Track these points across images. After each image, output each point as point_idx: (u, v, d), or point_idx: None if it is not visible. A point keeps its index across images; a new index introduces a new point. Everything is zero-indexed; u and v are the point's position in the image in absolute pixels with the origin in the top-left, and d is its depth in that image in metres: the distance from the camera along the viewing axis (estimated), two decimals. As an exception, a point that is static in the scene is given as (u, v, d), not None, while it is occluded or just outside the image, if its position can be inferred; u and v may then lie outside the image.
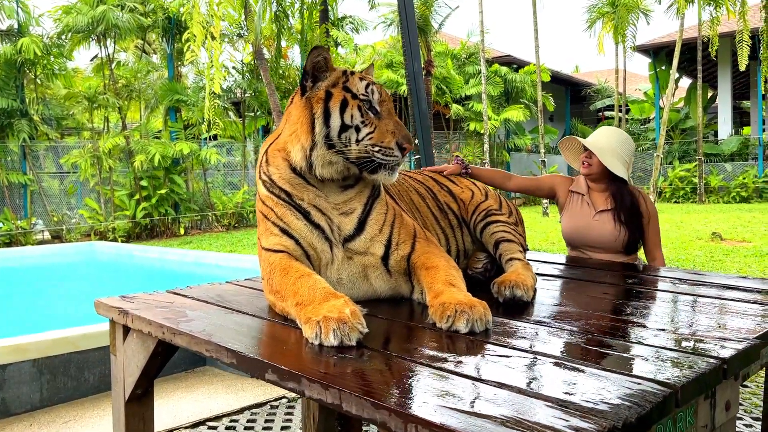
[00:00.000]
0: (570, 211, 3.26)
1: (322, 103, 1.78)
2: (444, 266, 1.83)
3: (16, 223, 13.54)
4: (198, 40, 6.66)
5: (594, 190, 3.22)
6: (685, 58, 21.24)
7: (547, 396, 1.15)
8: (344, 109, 1.76)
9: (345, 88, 1.80)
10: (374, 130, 1.77)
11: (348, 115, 1.76)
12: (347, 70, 1.86)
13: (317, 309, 1.52)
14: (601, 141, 3.15)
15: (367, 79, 1.85)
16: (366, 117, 1.78)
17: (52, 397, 3.83)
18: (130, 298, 1.99)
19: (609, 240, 3.09)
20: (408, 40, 6.45)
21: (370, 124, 1.77)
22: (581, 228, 3.18)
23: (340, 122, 1.76)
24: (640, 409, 1.09)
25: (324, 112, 1.77)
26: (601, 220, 3.13)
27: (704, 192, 19.23)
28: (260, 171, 1.93)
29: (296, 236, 1.82)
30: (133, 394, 1.90)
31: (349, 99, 1.78)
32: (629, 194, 3.12)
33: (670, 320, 1.72)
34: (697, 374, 1.26)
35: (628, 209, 3.08)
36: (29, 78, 14.92)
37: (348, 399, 1.17)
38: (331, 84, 1.81)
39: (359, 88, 1.80)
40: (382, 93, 1.84)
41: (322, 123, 1.76)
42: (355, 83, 1.81)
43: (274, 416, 3.54)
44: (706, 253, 9.00)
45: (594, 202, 3.19)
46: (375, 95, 1.81)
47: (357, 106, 1.77)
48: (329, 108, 1.77)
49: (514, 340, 1.53)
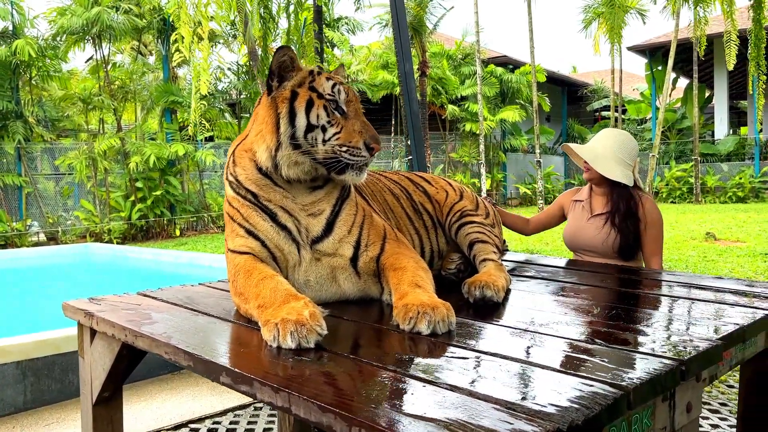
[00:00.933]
0: (570, 216, 3.31)
1: (287, 103, 1.77)
2: (412, 267, 1.82)
3: (11, 225, 13.53)
4: (186, 41, 6.65)
5: (596, 194, 3.22)
6: (681, 58, 21.27)
7: (497, 399, 1.14)
8: (310, 109, 1.75)
9: (311, 87, 1.78)
10: (341, 130, 1.75)
11: (314, 115, 1.75)
12: (314, 70, 1.85)
13: (277, 311, 1.51)
14: (597, 148, 3.10)
15: (334, 78, 1.83)
16: (332, 117, 1.76)
17: (36, 400, 3.81)
18: (98, 300, 1.98)
19: (597, 243, 3.08)
20: (399, 41, 6.45)
21: (336, 124, 1.76)
22: (574, 231, 3.21)
23: (305, 122, 1.74)
24: (588, 411, 1.08)
25: (289, 112, 1.75)
26: (593, 224, 3.12)
27: (701, 192, 19.24)
28: (227, 172, 1.93)
29: (262, 238, 1.81)
30: (100, 397, 1.89)
31: (314, 99, 1.76)
32: (627, 198, 3.05)
33: (635, 321, 1.71)
34: (651, 376, 1.24)
35: (623, 213, 3.02)
36: (24, 80, 14.92)
37: (297, 402, 1.16)
38: (297, 84, 1.80)
39: (325, 88, 1.78)
40: (349, 93, 1.83)
41: (288, 123, 1.75)
42: (321, 83, 1.80)
43: (257, 418, 3.53)
44: (699, 254, 9.00)
45: (592, 207, 3.19)
46: (341, 95, 1.79)
47: (323, 105, 1.76)
48: (294, 108, 1.76)
49: (476, 341, 1.52)
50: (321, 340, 1.46)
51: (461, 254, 2.32)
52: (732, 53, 16.85)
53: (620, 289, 2.19)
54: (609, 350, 1.42)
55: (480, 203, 2.58)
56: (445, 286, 2.21)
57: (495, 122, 20.94)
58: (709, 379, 1.62)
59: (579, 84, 28.64)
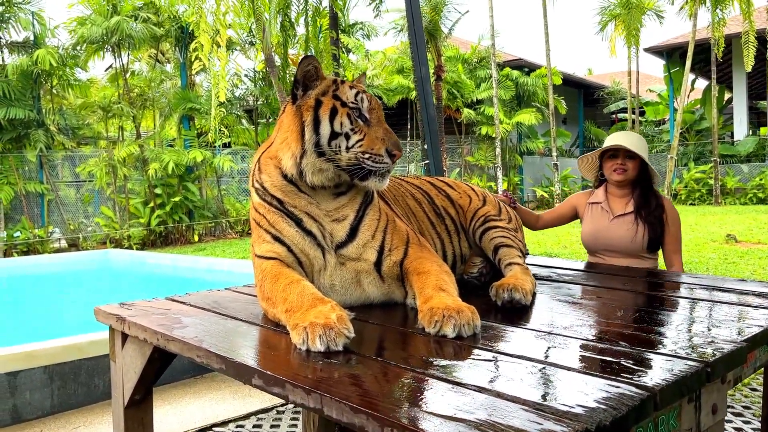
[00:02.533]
0: (588, 218, 3.34)
1: (312, 111, 1.81)
2: (436, 271, 1.84)
3: (33, 232, 13.74)
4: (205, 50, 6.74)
5: (614, 196, 3.28)
6: (699, 59, 21.08)
7: (524, 400, 1.16)
8: (334, 117, 1.79)
9: (335, 96, 1.82)
10: (364, 137, 1.79)
11: (337, 122, 1.79)
12: (337, 79, 1.89)
13: (305, 315, 1.54)
14: (634, 144, 3.19)
15: (357, 87, 1.87)
16: (355, 125, 1.80)
17: (63, 404, 3.88)
18: (128, 305, 2.03)
19: (626, 242, 3.14)
20: (415, 45, 6.48)
21: (359, 131, 1.79)
22: (598, 232, 3.24)
23: (329, 130, 1.78)
24: (616, 412, 1.10)
25: (314, 120, 1.79)
26: (618, 224, 3.19)
27: (720, 194, 19.03)
28: (253, 179, 1.97)
29: (288, 243, 1.84)
30: (131, 400, 1.94)
31: (338, 107, 1.80)
32: (654, 195, 3.20)
33: (660, 323, 1.72)
34: (677, 377, 1.26)
35: (652, 208, 3.14)
36: (45, 89, 15.15)
37: (329, 403, 1.19)
38: (321, 92, 1.84)
39: (349, 97, 1.82)
40: (372, 101, 1.86)
41: (312, 130, 1.79)
42: (344, 91, 1.83)
43: (279, 422, 3.57)
44: (720, 256, 8.91)
45: (612, 208, 3.26)
46: (364, 103, 1.83)
47: (346, 114, 1.79)
48: (319, 116, 1.79)
49: (501, 344, 1.54)
50: (348, 343, 1.49)
51: (483, 258, 2.34)
52: (750, 54, 16.70)
53: (642, 292, 2.19)
54: (634, 352, 1.44)
55: (503, 208, 2.60)
56: (469, 289, 2.24)
57: (511, 125, 20.89)
58: (734, 381, 1.62)
59: (595, 86, 28.49)
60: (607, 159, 3.27)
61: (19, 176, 13.95)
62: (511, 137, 22.50)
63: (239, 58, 43.90)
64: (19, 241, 13.41)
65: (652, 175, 3.22)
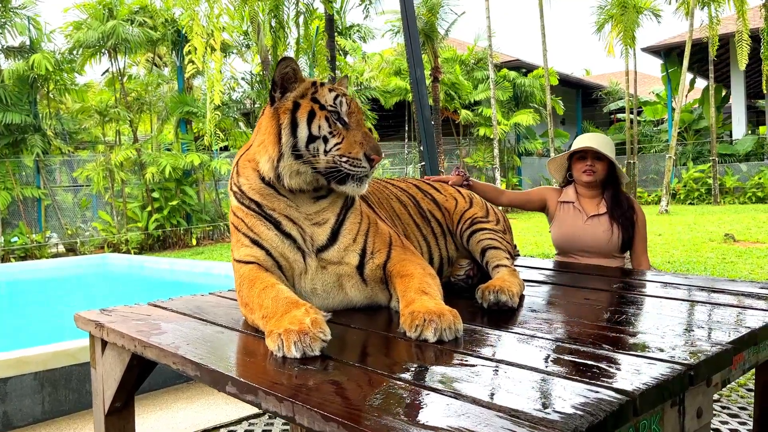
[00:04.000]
0: (559, 219, 3.32)
1: (289, 114, 1.78)
2: (419, 274, 1.81)
3: (31, 237, 13.71)
4: (199, 53, 6.72)
5: (584, 197, 3.29)
6: (697, 58, 21.04)
7: (500, 406, 1.14)
8: (312, 120, 1.76)
9: (313, 99, 1.80)
10: (342, 140, 1.76)
11: (315, 125, 1.76)
12: (316, 81, 1.86)
13: (279, 321, 1.51)
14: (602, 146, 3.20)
15: (336, 90, 1.84)
16: (334, 128, 1.77)
17: (54, 410, 3.85)
18: (108, 311, 2.00)
19: (602, 243, 3.16)
20: (410, 47, 6.47)
21: (338, 134, 1.77)
22: (572, 234, 3.23)
23: (307, 132, 1.76)
24: (593, 418, 1.07)
25: (291, 123, 1.77)
26: (592, 225, 3.19)
27: (719, 193, 19.00)
28: (231, 182, 1.94)
29: (267, 247, 1.82)
30: (112, 407, 1.91)
31: (316, 110, 1.77)
32: (624, 196, 3.24)
33: (644, 326, 1.69)
34: (658, 381, 1.23)
35: (624, 209, 3.17)
36: (42, 93, 15.13)
37: (300, 411, 1.17)
38: (300, 95, 1.81)
39: (327, 100, 1.79)
40: (351, 104, 1.84)
41: (289, 133, 1.76)
42: (323, 94, 1.81)
43: (271, 427, 3.54)
44: (718, 255, 8.88)
45: (585, 209, 3.25)
46: (343, 107, 1.80)
47: (325, 117, 1.77)
48: (296, 118, 1.77)
49: (482, 348, 1.51)
50: (326, 347, 1.46)
51: (470, 260, 2.31)
52: (744, 53, 16.71)
53: (630, 293, 2.17)
54: (616, 355, 1.41)
55: (490, 209, 2.58)
56: (455, 292, 2.21)
57: (509, 126, 20.86)
58: (722, 383, 1.59)
59: (593, 86, 28.47)
60: (576, 160, 3.28)
61: (16, 181, 13.93)
62: (509, 138, 22.47)
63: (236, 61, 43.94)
64: (16, 246, 13.38)
65: (620, 175, 3.25)
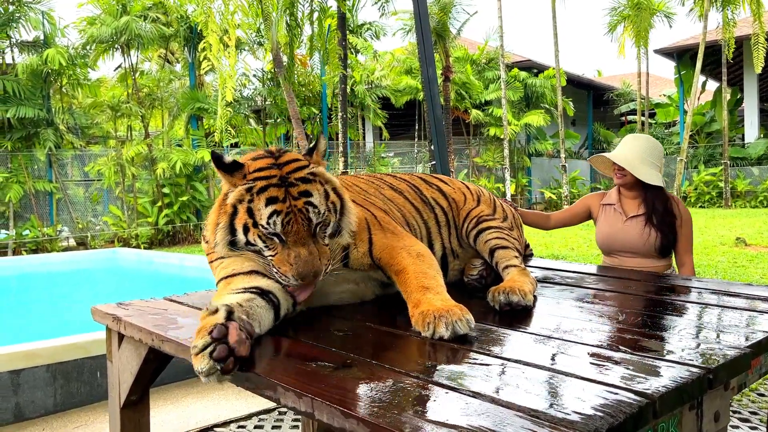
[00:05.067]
0: (601, 221, 3.35)
1: (228, 218, 1.70)
2: (411, 266, 1.81)
3: (42, 231, 13.81)
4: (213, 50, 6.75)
5: (626, 197, 3.31)
6: (710, 61, 20.93)
7: (519, 406, 1.14)
8: (247, 233, 1.68)
9: (248, 210, 1.68)
10: (276, 254, 1.67)
11: (251, 237, 1.68)
12: (254, 187, 1.69)
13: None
14: (629, 153, 3.21)
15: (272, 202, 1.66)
16: (269, 242, 1.68)
17: (65, 402, 3.88)
18: (125, 305, 2.01)
19: (638, 243, 3.16)
20: (423, 46, 6.46)
21: (273, 248, 1.68)
22: (611, 234, 3.26)
23: (244, 240, 1.69)
24: (613, 420, 1.07)
25: (229, 226, 1.70)
26: (630, 225, 3.20)
27: (730, 196, 18.89)
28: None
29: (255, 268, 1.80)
30: (128, 401, 1.92)
31: (250, 226, 1.68)
32: (663, 198, 3.19)
33: (662, 329, 1.68)
34: (677, 384, 1.23)
35: (661, 213, 3.14)
36: (55, 88, 15.23)
37: (320, 407, 1.17)
38: (238, 198, 1.69)
39: (262, 217, 1.66)
40: (289, 221, 1.66)
41: (227, 233, 1.70)
42: (258, 208, 1.67)
43: (281, 422, 3.55)
44: (729, 259, 8.83)
45: (625, 209, 3.26)
46: (278, 227, 1.65)
47: (258, 234, 1.67)
48: (234, 225, 1.69)
49: (499, 348, 1.51)
50: (343, 344, 1.47)
51: (483, 261, 2.30)
52: (760, 55, 16.60)
53: (647, 296, 2.16)
54: (634, 358, 1.41)
55: (498, 206, 2.57)
56: (469, 293, 2.21)
57: (519, 127, 20.82)
58: (738, 387, 1.59)
59: (604, 88, 28.36)
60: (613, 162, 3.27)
61: (28, 175, 14.03)
62: (520, 138, 22.42)
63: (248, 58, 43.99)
64: (28, 239, 13.48)
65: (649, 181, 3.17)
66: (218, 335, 1.31)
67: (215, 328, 1.32)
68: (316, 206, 1.69)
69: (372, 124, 21.83)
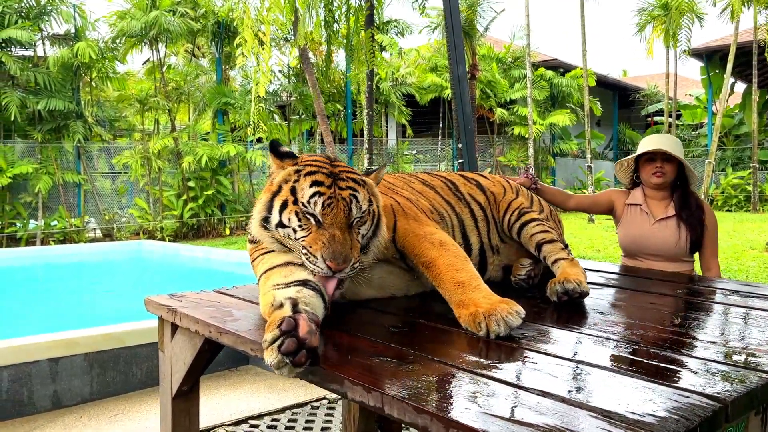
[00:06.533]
0: (626, 222, 3.27)
1: (270, 195, 1.76)
2: (439, 258, 1.81)
3: (70, 221, 14.02)
4: (249, 45, 6.80)
5: (653, 199, 3.23)
6: (739, 62, 20.58)
7: (591, 406, 1.14)
8: (283, 210, 1.72)
9: (292, 189, 1.73)
10: (308, 234, 1.69)
11: (285, 216, 1.71)
12: (302, 170, 1.76)
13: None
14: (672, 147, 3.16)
15: (318, 183, 1.71)
16: (304, 221, 1.70)
17: (102, 391, 3.95)
18: (178, 296, 2.04)
19: (670, 246, 3.11)
20: (453, 44, 6.43)
21: (306, 229, 1.69)
22: (639, 237, 3.19)
23: (278, 219, 1.72)
24: (689, 423, 1.07)
25: (269, 203, 1.75)
26: (660, 228, 3.14)
27: (759, 200, 18.58)
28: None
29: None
30: (179, 391, 1.95)
31: (289, 203, 1.71)
32: (693, 197, 3.18)
33: (721, 333, 1.67)
34: (748, 389, 1.22)
35: (692, 210, 3.11)
36: (85, 81, 15.43)
37: (390, 402, 1.18)
38: (284, 178, 1.76)
39: (304, 195, 1.70)
40: (330, 203, 1.69)
41: (265, 210, 1.76)
42: (302, 187, 1.71)
43: (314, 417, 3.58)
44: (759, 264, 8.70)
45: (652, 211, 3.20)
46: (317, 207, 1.68)
47: (295, 212, 1.70)
48: (273, 203, 1.74)
49: (556, 347, 1.51)
50: (403, 340, 1.47)
51: (532, 261, 2.30)
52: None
53: (696, 299, 2.14)
54: (699, 361, 1.40)
55: (535, 200, 2.59)
56: (517, 292, 2.21)
57: (544, 126, 20.69)
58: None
59: (631, 88, 28.05)
60: (644, 162, 3.21)
61: (57, 166, 14.24)
62: (544, 138, 22.29)
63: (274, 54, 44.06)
64: (55, 230, 13.70)
65: (689, 176, 3.18)
66: (287, 328, 1.32)
67: (284, 320, 1.34)
68: (359, 201, 1.73)
69: (396, 121, 21.83)
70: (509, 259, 2.40)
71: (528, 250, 2.33)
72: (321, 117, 14.67)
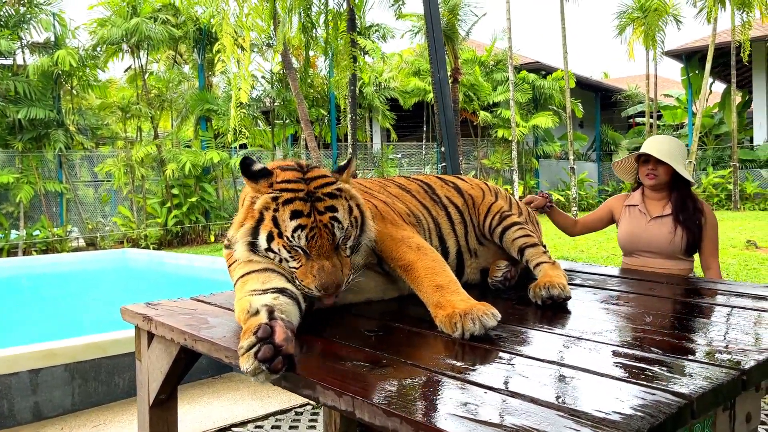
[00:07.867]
0: (623, 221, 3.33)
1: (253, 222, 1.72)
2: (417, 262, 1.82)
3: (52, 231, 13.88)
4: (228, 51, 6.78)
5: (651, 199, 3.29)
6: (718, 63, 20.86)
7: (559, 406, 1.15)
8: (271, 241, 1.70)
9: (274, 219, 1.70)
10: (300, 266, 1.70)
11: (275, 246, 1.70)
12: (279, 198, 1.71)
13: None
14: (663, 150, 3.18)
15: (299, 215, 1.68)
16: (293, 253, 1.70)
17: (83, 401, 3.91)
18: (154, 305, 2.04)
19: (663, 243, 3.14)
20: (434, 48, 6.47)
21: (297, 260, 1.70)
22: (634, 234, 3.24)
23: (266, 246, 1.71)
24: (654, 420, 1.08)
25: (253, 230, 1.72)
26: (655, 225, 3.19)
27: (739, 199, 18.81)
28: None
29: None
30: (157, 399, 1.94)
31: (275, 235, 1.70)
32: (691, 197, 3.20)
33: (690, 330, 1.69)
34: (714, 385, 1.24)
35: (689, 211, 3.13)
36: (65, 89, 15.32)
37: (361, 406, 1.19)
38: (264, 205, 1.72)
39: (287, 228, 1.68)
40: (314, 235, 1.68)
41: (249, 235, 1.72)
42: (283, 219, 1.69)
43: (298, 423, 3.57)
44: (740, 262, 8.81)
45: (649, 210, 3.25)
46: (302, 240, 1.68)
47: (282, 245, 1.69)
48: (259, 231, 1.71)
49: (530, 349, 1.53)
50: (375, 344, 1.48)
51: (508, 262, 2.31)
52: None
53: (671, 298, 2.17)
54: (668, 359, 1.42)
55: (514, 202, 2.61)
56: (490, 293, 2.22)
57: (527, 128, 20.80)
58: (766, 389, 1.60)
59: (612, 90, 28.29)
60: (641, 164, 3.27)
61: (38, 175, 14.11)
62: (528, 140, 22.40)
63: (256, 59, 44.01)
64: (38, 239, 13.56)
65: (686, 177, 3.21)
66: (264, 334, 1.33)
67: (260, 327, 1.34)
68: (340, 222, 1.72)
69: (380, 126, 21.86)
70: (487, 261, 2.40)
71: (508, 253, 2.34)
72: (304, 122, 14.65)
